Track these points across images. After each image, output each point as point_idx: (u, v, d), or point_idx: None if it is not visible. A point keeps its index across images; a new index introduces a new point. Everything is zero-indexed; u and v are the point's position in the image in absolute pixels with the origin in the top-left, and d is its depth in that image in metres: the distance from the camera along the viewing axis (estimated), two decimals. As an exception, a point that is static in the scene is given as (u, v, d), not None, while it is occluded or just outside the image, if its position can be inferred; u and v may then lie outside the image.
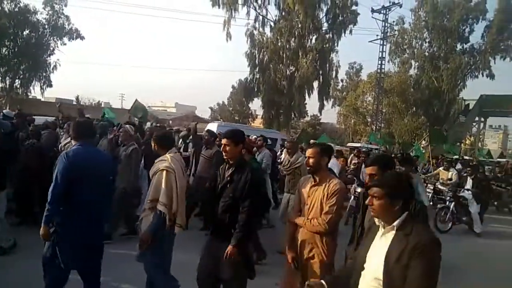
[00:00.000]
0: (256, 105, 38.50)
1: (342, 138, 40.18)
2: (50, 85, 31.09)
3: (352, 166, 12.20)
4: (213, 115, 51.28)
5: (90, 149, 3.44)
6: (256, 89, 31.29)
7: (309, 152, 3.31)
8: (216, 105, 51.30)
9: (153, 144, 3.75)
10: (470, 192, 8.83)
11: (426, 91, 35.66)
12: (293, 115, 32.47)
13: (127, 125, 6.11)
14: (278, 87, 29.88)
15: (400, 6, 31.78)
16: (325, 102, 31.99)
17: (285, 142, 9.78)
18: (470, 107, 35.96)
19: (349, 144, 21.66)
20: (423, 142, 16.98)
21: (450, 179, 10.05)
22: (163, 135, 3.82)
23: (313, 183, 3.25)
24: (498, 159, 22.66)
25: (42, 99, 32.78)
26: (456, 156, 17.82)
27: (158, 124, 10.45)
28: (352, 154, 13.47)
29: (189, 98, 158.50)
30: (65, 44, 30.38)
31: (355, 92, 38.74)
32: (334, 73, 31.67)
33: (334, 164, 7.46)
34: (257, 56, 30.23)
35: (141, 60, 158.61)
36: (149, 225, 3.42)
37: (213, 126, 18.91)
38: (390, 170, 2.72)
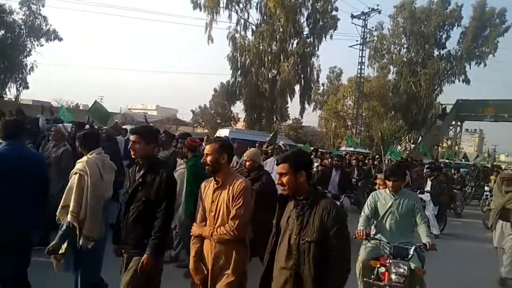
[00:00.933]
0: (238, 108, 38.53)
1: (323, 142, 40.56)
2: (27, 87, 30.44)
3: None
4: (195, 118, 51.00)
5: (17, 149, 3.26)
6: (238, 92, 31.35)
7: (206, 149, 2.88)
8: (197, 108, 51.05)
9: (77, 144, 3.49)
10: (428, 194, 8.66)
11: (404, 96, 36.46)
12: (275, 118, 32.64)
13: (60, 124, 5.74)
14: (260, 90, 30.03)
15: (379, 12, 32.40)
16: (306, 106, 32.35)
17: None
18: (447, 111, 36.98)
19: (342, 148, 21.62)
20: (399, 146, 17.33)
21: None
22: (85, 134, 3.53)
23: (215, 185, 2.83)
24: (474, 162, 23.30)
25: (19, 101, 31.98)
26: (430, 160, 18.03)
27: (113, 125, 9.84)
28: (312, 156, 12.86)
29: (171, 101, 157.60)
30: (42, 45, 29.79)
31: (336, 96, 39.20)
32: (315, 77, 32.10)
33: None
34: (239, 59, 30.32)
35: (122, 62, 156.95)
36: (58, 234, 3.16)
37: (224, 132, 18.93)
38: (305, 170, 2.38)
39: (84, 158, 3.29)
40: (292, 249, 2.31)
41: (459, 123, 40.02)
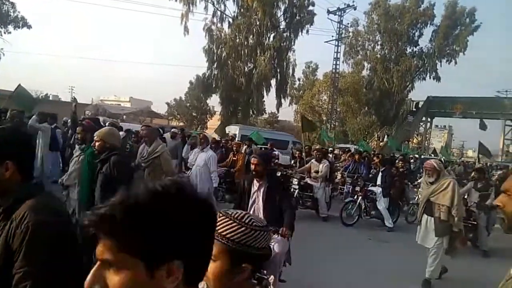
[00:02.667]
0: (214, 101, 38.31)
1: (299, 136, 40.90)
2: (-7, 75, 29.23)
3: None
4: (170, 111, 50.36)
5: None
6: (214, 85, 31.12)
7: None
8: (172, 100, 50.41)
9: None
10: (378, 187, 8.64)
11: (377, 92, 37.20)
12: (251, 112, 32.63)
13: None
14: (236, 83, 29.90)
15: (355, 8, 32.77)
16: (282, 100, 32.46)
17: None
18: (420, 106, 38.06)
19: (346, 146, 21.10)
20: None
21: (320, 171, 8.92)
22: None
23: None
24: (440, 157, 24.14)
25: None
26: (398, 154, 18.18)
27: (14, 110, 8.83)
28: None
29: (145, 92, 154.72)
30: (9, 32, 28.61)
31: (311, 91, 39.60)
32: (291, 71, 32.21)
33: (210, 156, 6.56)
34: (215, 52, 30.05)
35: (94, 52, 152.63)
36: None
37: (234, 129, 18.88)
38: (10, 159, 1.42)
39: None
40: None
41: (429, 119, 41.21)
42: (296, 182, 8.70)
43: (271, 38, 29.89)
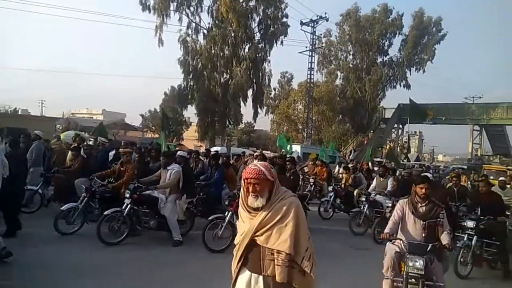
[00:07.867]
0: (190, 112, 38.04)
1: (276, 145, 41.23)
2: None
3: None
4: (144, 123, 49.72)
5: None
6: (190, 96, 30.96)
7: None
8: (147, 112, 49.83)
9: None
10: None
11: (351, 101, 38.08)
12: (228, 123, 32.61)
13: None
14: (212, 94, 29.85)
15: (327, 20, 33.63)
16: (259, 110, 32.58)
17: None
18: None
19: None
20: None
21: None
22: None
23: None
24: (414, 162, 24.89)
25: None
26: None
27: None
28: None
29: (118, 105, 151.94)
30: (-25, 45, 27.62)
31: (287, 101, 40.09)
32: (267, 81, 32.44)
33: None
34: (190, 63, 29.91)
35: (65, 64, 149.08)
36: None
37: (296, 148, 22.33)
38: None
39: None
40: None
41: (401, 126, 42.37)
42: (128, 195, 6.44)
43: (247, 49, 30.06)
